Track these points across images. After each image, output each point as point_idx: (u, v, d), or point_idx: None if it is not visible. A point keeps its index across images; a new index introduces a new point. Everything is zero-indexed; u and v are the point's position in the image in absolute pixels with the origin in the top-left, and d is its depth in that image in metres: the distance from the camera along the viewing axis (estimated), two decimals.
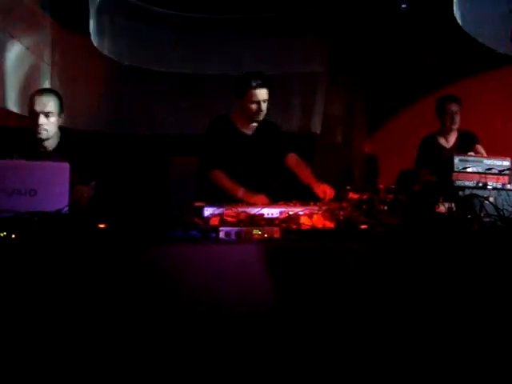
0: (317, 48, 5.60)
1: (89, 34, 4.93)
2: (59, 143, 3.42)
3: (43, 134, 3.33)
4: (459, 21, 4.72)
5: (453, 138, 4.70)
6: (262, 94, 3.71)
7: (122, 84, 5.17)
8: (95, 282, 2.00)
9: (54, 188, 2.43)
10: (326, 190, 3.45)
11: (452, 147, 4.64)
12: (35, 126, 3.32)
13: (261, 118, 3.79)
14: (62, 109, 3.42)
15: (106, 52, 5.06)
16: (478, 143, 4.61)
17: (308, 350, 2.20)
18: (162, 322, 2.05)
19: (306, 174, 3.77)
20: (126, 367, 1.99)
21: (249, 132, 3.85)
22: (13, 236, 2.10)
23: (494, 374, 2.36)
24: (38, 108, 3.31)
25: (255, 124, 3.83)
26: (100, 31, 5.05)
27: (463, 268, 2.44)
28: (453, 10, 4.74)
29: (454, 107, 4.60)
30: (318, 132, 5.67)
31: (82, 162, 2.98)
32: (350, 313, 2.28)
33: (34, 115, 3.32)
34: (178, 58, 5.21)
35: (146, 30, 5.21)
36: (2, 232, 2.10)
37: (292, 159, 3.91)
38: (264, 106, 3.73)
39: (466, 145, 4.55)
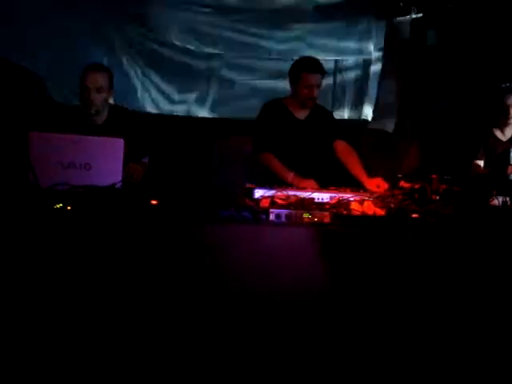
0: (371, 34, 5.52)
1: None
2: (108, 118, 3.47)
3: (93, 109, 3.37)
4: None
5: (510, 131, 4.57)
6: (315, 79, 3.68)
7: (175, 63, 5.23)
8: (146, 256, 2.03)
9: (108, 163, 2.47)
10: (379, 184, 3.39)
11: (508, 140, 4.51)
12: (86, 100, 3.35)
13: (312, 103, 3.77)
14: (112, 84, 3.45)
15: (159, 33, 5.11)
16: None
17: (353, 332, 2.20)
18: (209, 298, 2.07)
19: (356, 167, 3.71)
20: (178, 340, 2.03)
21: (301, 117, 3.83)
22: (68, 208, 2.14)
23: None
24: (89, 83, 3.34)
25: (308, 109, 3.82)
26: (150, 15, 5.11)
27: None
28: None
29: None
30: (370, 119, 5.61)
31: (132, 138, 3.00)
32: (398, 300, 2.26)
33: (86, 90, 3.35)
34: (233, 42, 5.22)
35: (200, 14, 5.23)
36: (59, 204, 2.14)
37: (341, 146, 3.86)
38: (316, 91, 3.71)
39: None
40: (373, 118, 5.62)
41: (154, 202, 2.28)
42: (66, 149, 2.46)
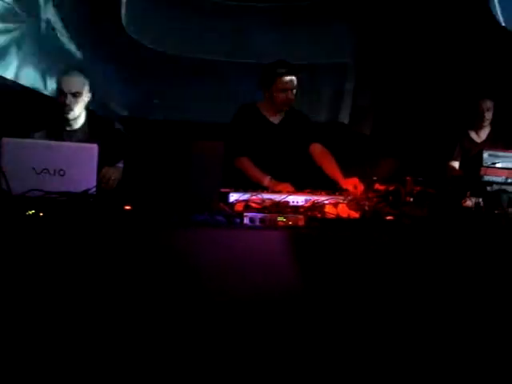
0: (345, 38, 5.55)
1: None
2: (85, 122, 3.47)
3: (70, 114, 3.38)
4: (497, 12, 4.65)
5: (484, 133, 4.63)
6: (291, 82, 3.69)
7: (150, 69, 5.23)
8: (120, 263, 2.02)
9: (82, 169, 2.45)
10: (355, 184, 3.42)
11: (483, 142, 4.57)
12: (62, 105, 3.36)
13: (289, 106, 3.78)
14: (89, 89, 3.46)
15: (133, 36, 5.10)
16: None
17: (327, 337, 2.20)
18: (184, 304, 2.07)
19: (332, 168, 3.72)
20: (147, 347, 2.02)
21: (276, 121, 3.84)
22: (41, 214, 2.13)
23: None
24: (65, 88, 3.35)
25: (282, 113, 3.82)
26: (128, 16, 5.10)
27: (488, 263, 2.42)
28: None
29: (487, 104, 4.54)
30: (347, 122, 5.64)
31: (108, 142, 3.00)
32: (371, 302, 2.27)
33: (62, 95, 3.36)
34: (205, 45, 5.22)
35: (172, 16, 5.24)
36: (31, 210, 2.13)
37: (317, 150, 3.86)
38: (292, 94, 3.72)
39: (498, 140, 4.48)
40: (349, 121, 5.65)
41: (127, 208, 2.28)
42: (40, 155, 2.44)
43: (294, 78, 3.70)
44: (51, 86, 3.68)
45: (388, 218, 2.64)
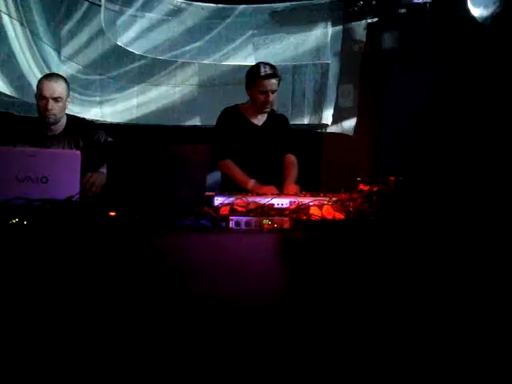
0: (328, 39, 5.57)
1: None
2: (66, 127, 3.46)
3: (52, 119, 3.37)
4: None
5: None
6: (271, 84, 3.72)
7: (133, 72, 5.22)
8: (105, 270, 2.01)
9: (65, 175, 2.43)
10: (292, 189, 3.48)
11: None
12: (44, 110, 3.34)
13: (268, 108, 3.80)
14: (68, 93, 3.46)
15: (116, 40, 5.07)
16: None
17: (315, 340, 2.21)
18: (171, 310, 2.06)
19: (286, 176, 3.78)
20: (131, 356, 2.01)
21: (258, 123, 3.87)
22: (24, 223, 2.11)
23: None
24: (47, 93, 3.34)
25: (265, 115, 3.85)
26: (107, 18, 5.07)
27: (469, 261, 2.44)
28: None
29: None
30: (330, 123, 5.65)
31: (90, 147, 2.99)
32: (358, 303, 2.28)
33: (43, 100, 3.34)
34: (191, 49, 5.22)
35: (159, 19, 5.24)
36: (14, 219, 2.11)
37: (286, 160, 3.89)
38: (272, 96, 3.75)
39: None
40: (332, 122, 5.66)
41: (112, 214, 2.26)
42: (22, 162, 2.42)
43: (273, 80, 3.72)
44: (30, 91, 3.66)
45: (373, 218, 2.65)
